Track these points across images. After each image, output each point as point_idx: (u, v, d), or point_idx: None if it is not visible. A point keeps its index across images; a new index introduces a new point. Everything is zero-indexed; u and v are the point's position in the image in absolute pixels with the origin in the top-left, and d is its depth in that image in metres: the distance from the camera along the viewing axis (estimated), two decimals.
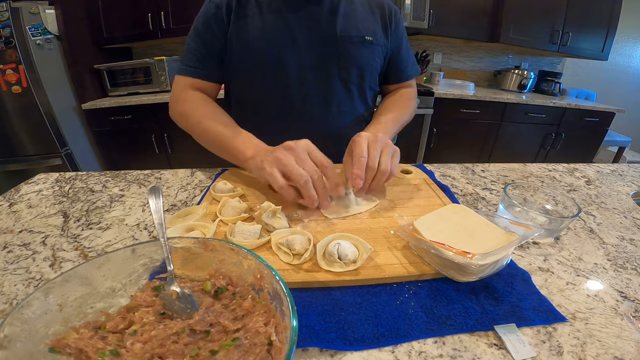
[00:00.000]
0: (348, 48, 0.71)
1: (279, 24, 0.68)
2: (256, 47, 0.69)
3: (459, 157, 2.42)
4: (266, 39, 0.68)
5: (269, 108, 0.75)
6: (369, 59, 0.74)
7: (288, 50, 0.69)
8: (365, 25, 0.72)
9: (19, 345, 0.24)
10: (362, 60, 0.73)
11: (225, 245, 0.33)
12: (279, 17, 0.69)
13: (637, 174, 0.78)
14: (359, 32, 0.71)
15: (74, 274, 0.29)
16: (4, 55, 1.73)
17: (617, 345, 0.31)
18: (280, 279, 0.28)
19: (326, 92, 0.74)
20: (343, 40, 0.70)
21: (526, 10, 2.26)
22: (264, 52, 0.69)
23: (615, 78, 2.98)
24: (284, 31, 0.69)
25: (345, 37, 0.70)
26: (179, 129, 0.76)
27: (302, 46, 0.69)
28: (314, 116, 0.75)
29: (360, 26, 0.71)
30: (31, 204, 0.59)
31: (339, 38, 0.69)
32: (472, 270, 0.35)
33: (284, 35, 0.69)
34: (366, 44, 0.72)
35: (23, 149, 1.96)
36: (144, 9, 2.08)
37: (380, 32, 0.74)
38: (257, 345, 0.26)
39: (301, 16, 0.69)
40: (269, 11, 0.69)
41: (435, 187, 0.61)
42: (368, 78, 0.77)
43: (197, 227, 0.45)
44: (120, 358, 0.25)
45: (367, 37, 0.71)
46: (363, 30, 0.71)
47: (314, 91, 0.73)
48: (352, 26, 0.71)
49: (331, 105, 0.75)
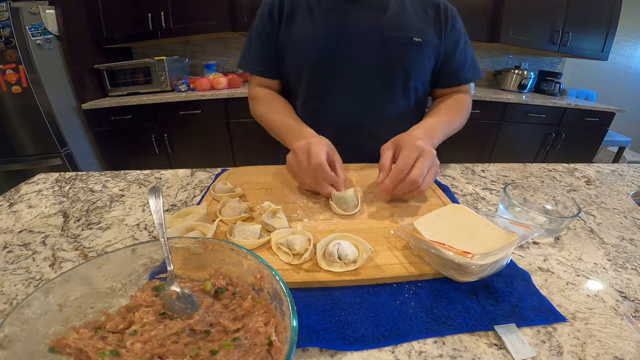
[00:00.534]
0: (394, 49, 0.70)
1: (327, 25, 0.70)
2: (305, 47, 0.72)
3: (459, 157, 2.42)
4: (314, 39, 0.71)
5: (315, 104, 0.78)
6: (417, 60, 0.73)
7: (335, 50, 0.71)
8: (414, 26, 0.71)
9: (19, 345, 0.24)
10: (408, 62, 0.73)
11: (225, 245, 0.33)
12: (328, 18, 0.70)
13: (637, 174, 0.78)
14: (406, 32, 0.70)
15: (74, 274, 0.29)
16: (4, 55, 1.73)
17: (617, 345, 0.31)
18: (280, 279, 0.28)
19: (370, 92, 0.75)
20: (389, 41, 0.70)
21: (526, 10, 2.26)
22: (311, 53, 0.72)
23: (615, 78, 2.98)
24: (332, 32, 0.70)
25: (391, 37, 0.70)
26: (179, 129, 0.77)
27: (348, 46, 0.70)
28: (356, 114, 0.76)
29: (409, 26, 0.71)
30: (31, 204, 0.59)
31: (386, 38, 0.70)
32: (472, 270, 0.35)
33: (332, 35, 0.70)
34: (414, 45, 0.71)
35: (23, 149, 1.96)
36: (144, 9, 2.08)
37: (432, 32, 0.72)
38: (257, 345, 0.26)
39: (349, 17, 0.70)
40: (319, 12, 0.71)
41: (435, 187, 0.61)
42: (414, 80, 0.75)
43: (197, 227, 0.45)
44: (120, 358, 0.25)
45: (415, 39, 0.70)
46: (411, 30, 0.70)
47: (357, 90, 0.74)
48: (400, 26, 0.70)
49: (373, 104, 0.76)
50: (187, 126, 2.12)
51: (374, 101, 0.76)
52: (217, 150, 2.23)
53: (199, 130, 2.15)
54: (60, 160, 2.01)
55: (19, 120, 1.88)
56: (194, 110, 2.07)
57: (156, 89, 2.18)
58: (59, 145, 1.98)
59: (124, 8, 2.09)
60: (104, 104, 2.04)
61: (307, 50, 0.72)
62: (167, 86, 2.17)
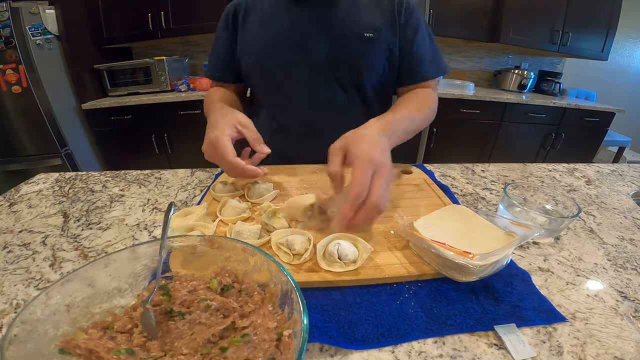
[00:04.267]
0: (343, 45, 0.68)
1: (276, 27, 0.70)
2: (253, 50, 0.72)
3: (459, 157, 2.42)
4: (260, 41, 0.71)
5: (273, 106, 0.78)
6: (369, 57, 0.69)
7: (284, 52, 0.70)
8: (366, 20, 0.68)
9: (30, 346, 0.24)
10: (359, 59, 0.69)
11: (231, 242, 0.34)
12: (276, 20, 0.70)
13: (637, 174, 0.78)
14: (356, 28, 0.67)
15: (81, 274, 0.29)
16: (4, 55, 1.73)
17: (617, 345, 0.31)
18: (288, 273, 0.28)
19: (324, 92, 0.73)
20: (337, 37, 0.67)
21: (526, 10, 2.26)
22: (262, 55, 0.71)
23: (615, 78, 2.98)
24: (281, 33, 0.69)
25: (340, 34, 0.67)
26: (179, 129, 0.78)
27: (297, 47, 0.69)
28: (315, 117, 0.75)
29: (360, 21, 0.67)
30: (31, 204, 0.59)
31: (334, 35, 0.67)
32: (472, 270, 0.35)
33: (280, 37, 0.69)
34: (365, 41, 0.67)
35: (23, 149, 1.96)
36: (144, 9, 2.08)
37: (386, 27, 0.68)
38: (267, 341, 0.26)
39: (298, 17, 0.69)
40: (270, 16, 0.70)
41: (436, 187, 0.61)
42: (368, 78, 0.72)
43: (197, 227, 0.45)
44: (134, 357, 0.25)
45: (366, 34, 0.67)
46: (362, 26, 0.67)
47: (312, 91, 0.73)
48: (350, 22, 0.67)
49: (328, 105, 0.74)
50: (187, 126, 2.12)
51: (328, 101, 0.73)
52: None
53: (199, 130, 2.10)
54: (60, 160, 2.01)
55: (19, 120, 1.88)
56: (194, 110, 2.07)
57: (156, 89, 2.18)
58: (59, 145, 1.98)
59: (124, 8, 2.09)
60: (104, 104, 2.04)
61: (258, 53, 0.72)
62: (167, 86, 2.17)
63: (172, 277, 0.34)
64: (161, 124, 2.12)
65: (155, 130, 2.14)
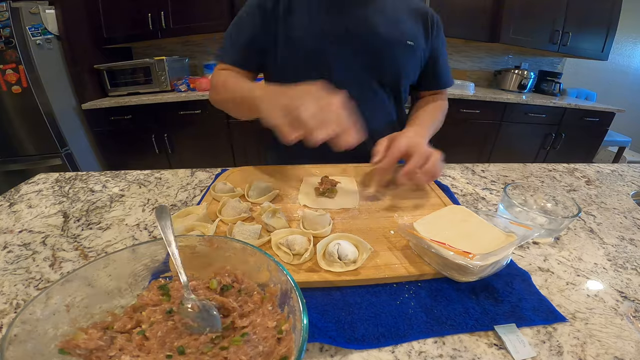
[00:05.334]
0: (390, 51, 0.72)
1: (325, 23, 0.70)
2: (301, 44, 0.71)
3: (459, 157, 2.42)
4: (311, 37, 0.70)
5: None
6: (409, 63, 0.76)
7: (332, 49, 0.71)
8: (408, 30, 0.74)
9: (30, 345, 0.24)
10: (401, 64, 0.75)
11: (231, 242, 0.33)
12: (326, 16, 0.70)
13: (637, 174, 0.78)
14: (401, 36, 0.72)
15: (80, 274, 0.29)
16: (4, 55, 1.73)
17: (617, 345, 0.31)
18: (287, 273, 0.28)
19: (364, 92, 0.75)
20: (386, 43, 0.71)
21: (526, 10, 2.26)
22: (308, 50, 0.71)
23: (615, 78, 2.98)
24: (330, 30, 0.70)
25: (387, 40, 0.71)
26: (179, 129, 0.77)
27: (346, 46, 0.70)
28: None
29: (403, 30, 0.73)
30: (31, 204, 0.59)
31: (383, 41, 0.71)
32: (472, 270, 0.35)
33: (330, 34, 0.70)
34: (408, 48, 0.73)
35: (23, 149, 1.96)
36: (144, 9, 2.08)
37: (421, 38, 0.76)
38: (267, 338, 0.27)
39: (348, 17, 0.70)
40: (318, 10, 0.70)
41: (436, 187, 0.61)
42: (405, 82, 0.79)
43: (197, 227, 0.45)
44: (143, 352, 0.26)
45: (409, 42, 0.73)
46: (405, 34, 0.73)
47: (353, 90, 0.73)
48: (396, 30, 0.72)
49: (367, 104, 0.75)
50: (187, 126, 2.12)
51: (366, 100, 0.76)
52: (217, 150, 2.22)
53: (199, 130, 2.15)
54: (60, 160, 2.01)
55: (19, 120, 1.88)
56: (194, 110, 2.07)
57: (156, 89, 2.18)
58: (59, 145, 1.98)
59: (124, 8, 2.08)
60: (104, 104, 2.04)
61: (302, 47, 0.71)
62: (167, 86, 2.16)
63: (172, 277, 0.34)
64: (161, 124, 2.12)
65: (155, 131, 2.14)
